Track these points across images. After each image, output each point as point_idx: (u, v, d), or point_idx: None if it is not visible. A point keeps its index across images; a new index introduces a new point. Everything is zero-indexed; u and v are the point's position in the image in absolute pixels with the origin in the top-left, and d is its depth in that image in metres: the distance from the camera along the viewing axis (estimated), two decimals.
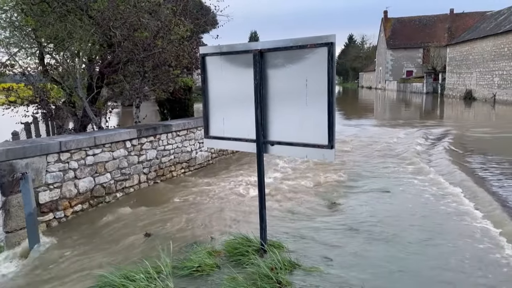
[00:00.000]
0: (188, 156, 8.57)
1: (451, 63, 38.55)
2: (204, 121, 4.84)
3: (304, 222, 5.63)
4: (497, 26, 31.12)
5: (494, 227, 5.20)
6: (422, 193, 6.89)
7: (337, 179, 8.06)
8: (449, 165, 9.04)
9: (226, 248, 4.52)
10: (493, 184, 7.47)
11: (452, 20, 55.34)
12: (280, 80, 4.21)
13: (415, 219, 5.65)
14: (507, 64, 27.91)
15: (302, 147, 4.13)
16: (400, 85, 54.22)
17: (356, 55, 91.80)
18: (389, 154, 10.65)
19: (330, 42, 3.79)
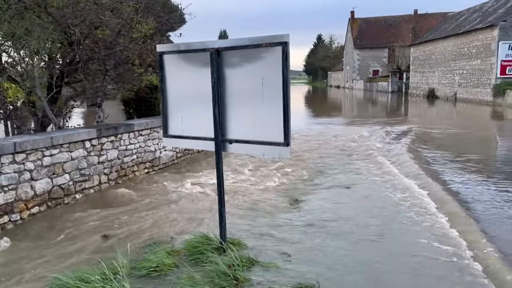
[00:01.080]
0: (151, 156, 8.48)
1: (415, 62, 39.76)
2: (162, 120, 4.81)
3: (265, 220, 5.68)
4: (458, 26, 32.35)
5: (447, 222, 5.43)
6: (380, 188, 7.10)
7: (300, 176, 8.18)
8: (407, 161, 9.34)
9: (185, 248, 4.52)
10: (448, 179, 7.78)
11: (416, 20, 57.05)
12: (237, 79, 4.24)
13: (372, 214, 5.82)
14: (467, 64, 29.07)
15: (259, 145, 4.18)
16: (367, 84, 55.46)
17: (324, 55, 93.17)
18: (352, 151, 10.89)
19: (284, 42, 3.85)
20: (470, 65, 28.64)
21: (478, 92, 27.48)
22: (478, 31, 27.35)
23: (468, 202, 6.23)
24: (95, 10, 8.36)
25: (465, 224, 5.24)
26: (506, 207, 5.96)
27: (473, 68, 28.09)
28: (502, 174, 8.05)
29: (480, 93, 27.13)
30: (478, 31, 27.35)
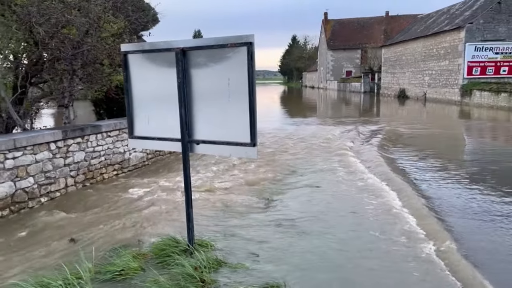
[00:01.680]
0: (120, 158, 8.32)
1: (386, 63, 40.59)
2: (128, 121, 4.73)
3: (236, 220, 5.67)
4: (427, 28, 33.23)
5: (414, 219, 5.56)
6: (350, 187, 7.21)
7: (272, 176, 8.19)
8: (377, 160, 9.51)
9: (152, 251, 4.45)
10: (414, 177, 7.99)
11: (388, 22, 58.30)
12: (203, 79, 4.21)
13: (340, 213, 5.89)
14: (436, 64, 29.89)
15: (226, 146, 4.16)
16: (340, 85, 56.24)
17: (299, 56, 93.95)
18: (324, 151, 11.00)
19: (249, 42, 3.85)
20: (438, 66, 29.46)
21: (446, 92, 28.29)
22: (446, 33, 28.17)
23: (438, 212, 6.39)
24: (61, 9, 8.14)
25: (426, 217, 5.39)
26: (444, 185, 6.16)
27: (442, 68, 28.91)
28: (453, 161, 8.31)
29: (449, 93, 27.95)
30: (446, 33, 28.17)
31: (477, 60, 25.72)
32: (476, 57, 25.68)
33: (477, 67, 25.78)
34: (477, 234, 5.13)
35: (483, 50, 25.54)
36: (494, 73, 25.62)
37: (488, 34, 25.59)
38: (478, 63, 25.74)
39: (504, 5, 25.34)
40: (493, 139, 13.93)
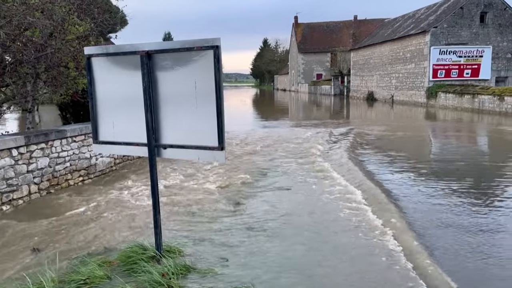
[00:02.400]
0: (87, 163, 8.11)
1: (355, 66, 41.41)
2: (92, 126, 4.61)
3: (206, 225, 5.62)
4: (393, 32, 34.13)
5: (373, 215, 5.68)
6: (319, 189, 7.29)
7: (243, 179, 8.18)
8: (346, 161, 9.67)
9: (119, 258, 4.35)
10: (382, 178, 8.17)
11: (356, 26, 59.49)
12: (169, 83, 4.16)
13: (310, 215, 5.95)
14: (402, 67, 30.72)
15: (194, 150, 4.13)
16: (311, 88, 56.93)
17: (271, 59, 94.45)
18: (295, 153, 11.09)
19: (216, 45, 3.83)
20: (405, 69, 30.30)
21: (413, 94, 29.12)
22: (412, 36, 29.01)
23: (408, 214, 6.54)
24: (23, 11, 7.87)
25: (387, 211, 5.52)
26: (409, 185, 6.34)
27: (408, 71, 29.75)
28: (412, 159, 8.56)
29: (415, 95, 28.77)
30: (412, 36, 29.01)
31: (442, 63, 26.61)
32: (441, 60, 26.57)
33: (442, 70, 26.67)
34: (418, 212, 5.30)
35: (447, 53, 26.46)
36: (458, 75, 26.57)
37: (452, 38, 26.54)
38: (443, 66, 26.64)
39: (466, 10, 26.35)
40: (457, 140, 14.43)
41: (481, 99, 21.73)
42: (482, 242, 4.92)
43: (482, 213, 5.94)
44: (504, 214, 5.94)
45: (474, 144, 13.65)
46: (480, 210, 6.10)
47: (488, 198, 6.70)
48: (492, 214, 5.93)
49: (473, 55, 26.40)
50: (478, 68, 26.47)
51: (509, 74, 26.78)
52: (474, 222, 5.59)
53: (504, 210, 6.10)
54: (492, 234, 5.16)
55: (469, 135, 15.62)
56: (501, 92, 20.33)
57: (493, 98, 20.74)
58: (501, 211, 6.08)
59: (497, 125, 17.46)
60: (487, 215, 5.87)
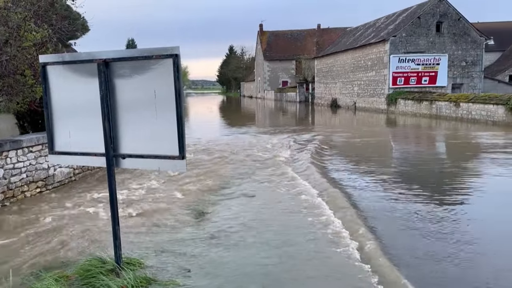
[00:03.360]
0: (44, 174, 7.81)
1: (319, 74, 42.22)
2: (47, 136, 4.45)
3: (168, 235, 5.53)
4: (355, 41, 35.08)
5: (340, 222, 5.78)
6: (283, 195, 7.35)
7: (208, 187, 8.13)
8: (311, 168, 9.80)
9: (77, 272, 4.20)
10: (345, 183, 8.34)
11: (320, 34, 60.75)
12: (128, 91, 4.09)
13: (274, 222, 5.98)
14: (364, 75, 31.60)
15: (154, 159, 4.06)
16: (277, 95, 57.48)
17: (237, 66, 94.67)
18: (260, 160, 11.13)
19: (175, 54, 3.81)
20: (366, 76, 31.18)
21: (374, 101, 29.99)
22: (373, 45, 29.92)
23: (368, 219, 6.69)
24: None
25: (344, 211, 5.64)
26: (370, 189, 6.53)
27: (369, 79, 30.63)
28: (373, 164, 8.83)
29: (376, 102, 29.64)
30: (373, 45, 29.92)
31: (401, 71, 27.58)
32: (400, 68, 27.53)
33: (401, 77, 27.63)
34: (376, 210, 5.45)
35: (406, 61, 27.45)
36: (416, 82, 27.60)
37: (410, 47, 27.58)
38: (402, 74, 27.61)
39: (423, 19, 27.48)
40: (417, 145, 14.96)
41: (438, 105, 22.67)
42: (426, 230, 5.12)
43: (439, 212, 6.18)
44: (452, 203, 6.20)
45: (432, 149, 14.19)
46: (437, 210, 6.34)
47: (440, 195, 6.98)
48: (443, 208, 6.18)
49: (430, 63, 27.53)
50: (435, 75, 27.62)
51: (464, 81, 28.09)
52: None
53: (454, 200, 6.37)
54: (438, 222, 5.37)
55: (428, 140, 16.24)
56: (457, 99, 21.29)
57: (449, 104, 21.68)
58: (450, 203, 6.34)
59: (453, 130, 18.25)
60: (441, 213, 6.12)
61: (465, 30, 27.73)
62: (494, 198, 7.34)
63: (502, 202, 7.02)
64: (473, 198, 7.30)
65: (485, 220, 6.10)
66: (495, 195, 7.56)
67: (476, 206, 6.85)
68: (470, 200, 7.16)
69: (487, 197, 7.41)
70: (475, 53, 27.98)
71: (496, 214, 6.35)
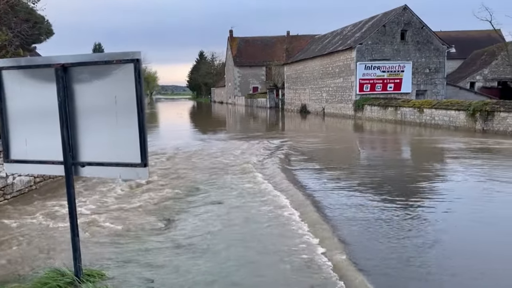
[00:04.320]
0: (2, 183, 7.46)
1: (288, 80, 42.64)
2: (3, 144, 4.24)
3: (133, 245, 5.38)
4: (323, 48, 35.68)
5: (314, 238, 5.80)
6: (251, 202, 7.31)
7: (175, 194, 7.99)
8: (279, 174, 9.83)
9: (34, 286, 4.01)
10: (313, 188, 8.40)
11: (289, 41, 61.48)
12: (88, 97, 3.96)
13: (241, 229, 5.93)
14: (332, 82, 32.15)
15: (115, 167, 3.94)
16: (248, 100, 57.62)
17: (207, 71, 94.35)
18: (229, 166, 11.07)
19: (136, 59, 3.72)
20: (334, 83, 31.74)
21: (342, 107, 30.54)
22: (340, 52, 30.52)
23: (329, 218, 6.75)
24: None
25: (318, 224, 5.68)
26: (334, 193, 6.62)
27: (337, 85, 31.19)
28: (341, 169, 8.96)
29: (344, 108, 30.20)
30: (340, 52, 30.52)
31: (367, 77, 28.23)
32: (366, 75, 28.18)
33: (368, 84, 28.28)
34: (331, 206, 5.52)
35: (372, 68, 28.14)
36: (382, 89, 28.32)
37: (376, 54, 28.30)
38: (368, 81, 28.27)
39: (388, 28, 28.28)
40: (383, 150, 15.31)
41: (403, 111, 23.33)
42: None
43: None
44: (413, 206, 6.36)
45: (397, 154, 14.55)
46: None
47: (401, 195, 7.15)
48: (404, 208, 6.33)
49: (395, 70, 28.33)
50: (400, 82, 28.43)
51: (428, 87, 29.06)
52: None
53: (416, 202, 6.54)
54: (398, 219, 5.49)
55: (393, 145, 16.65)
56: (421, 105, 21.98)
57: (413, 110, 22.35)
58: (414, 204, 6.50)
59: (418, 135, 18.80)
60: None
61: (428, 38, 28.73)
62: (458, 201, 7.55)
63: (467, 205, 7.24)
64: (436, 201, 7.49)
65: (447, 220, 6.27)
66: (458, 198, 7.78)
67: (439, 209, 7.04)
68: (433, 203, 7.35)
69: (450, 200, 7.60)
70: (437, 61, 29.02)
71: (460, 218, 6.55)
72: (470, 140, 15.58)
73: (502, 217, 6.58)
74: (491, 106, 17.48)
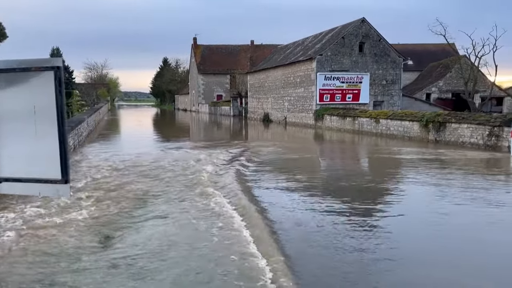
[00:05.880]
0: None
1: (252, 89, 42.72)
2: None
3: (64, 264, 5.00)
4: (285, 58, 36.01)
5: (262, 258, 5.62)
6: (199, 217, 7.03)
7: (119, 209, 7.60)
8: (233, 185, 9.62)
9: None
10: (266, 200, 8.25)
11: (253, 50, 61.78)
12: (4, 106, 3.60)
13: (185, 246, 5.66)
14: (293, 91, 32.44)
15: (34, 183, 3.58)
16: (212, 108, 57.25)
17: (171, 78, 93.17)
18: (183, 177, 10.75)
19: (57, 66, 3.39)
20: (296, 92, 32.04)
21: (303, 116, 30.83)
22: (301, 62, 30.87)
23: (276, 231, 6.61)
24: None
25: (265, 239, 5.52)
26: (264, 184, 6.52)
27: (299, 95, 31.50)
28: (299, 179, 8.91)
29: (305, 117, 30.49)
30: (301, 62, 30.87)
31: (327, 88, 28.66)
32: (326, 85, 28.60)
33: (327, 94, 28.71)
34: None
35: (331, 79, 28.60)
36: (341, 99, 28.81)
37: (335, 65, 28.81)
38: (328, 91, 28.70)
39: (347, 40, 28.90)
40: (342, 160, 15.46)
41: (360, 121, 23.78)
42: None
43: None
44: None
45: (354, 163, 14.72)
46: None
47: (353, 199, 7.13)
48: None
49: (354, 81, 28.93)
50: (358, 93, 29.05)
51: (385, 98, 29.85)
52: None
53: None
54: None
55: (350, 155, 16.87)
56: (377, 115, 22.48)
57: (370, 121, 22.83)
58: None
59: (374, 145, 19.18)
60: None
61: (385, 51, 29.59)
62: (413, 210, 7.61)
63: (421, 213, 7.31)
64: (391, 209, 7.53)
65: (397, 228, 6.28)
66: (414, 207, 7.86)
67: (391, 215, 7.06)
68: (389, 211, 7.38)
69: (406, 209, 7.65)
70: (394, 73, 29.91)
71: (416, 227, 6.59)
72: (423, 150, 16.01)
73: (453, 226, 6.65)
74: (443, 117, 18.08)
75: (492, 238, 6.12)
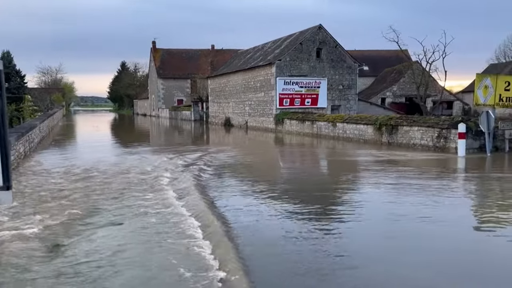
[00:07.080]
0: None
1: (213, 93, 42.65)
2: None
3: (7, 275, 4.81)
4: (245, 63, 36.25)
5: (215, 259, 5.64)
6: (156, 223, 6.94)
7: (72, 216, 7.38)
8: (191, 190, 9.58)
9: None
10: (224, 206, 8.28)
11: (214, 55, 61.65)
12: None
13: (139, 255, 5.57)
14: (254, 96, 32.71)
15: None
16: (172, 113, 56.59)
17: (130, 83, 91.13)
18: (139, 183, 10.58)
19: None
20: (256, 97, 32.32)
21: (263, 120, 31.14)
22: (261, 67, 31.21)
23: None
24: None
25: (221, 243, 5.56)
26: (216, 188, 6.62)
27: (259, 100, 31.79)
28: (259, 183, 9.04)
29: (265, 122, 30.81)
30: (261, 67, 31.21)
31: (287, 92, 29.14)
32: (286, 90, 29.07)
33: (287, 98, 29.17)
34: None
35: (290, 84, 29.10)
36: (300, 104, 29.37)
37: (294, 70, 29.35)
38: (287, 95, 29.18)
39: (305, 46, 29.53)
40: (302, 164, 15.74)
41: (318, 125, 24.34)
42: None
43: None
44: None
45: (313, 166, 15.04)
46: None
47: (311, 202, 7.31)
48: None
49: (312, 86, 29.58)
50: (316, 97, 29.72)
51: (342, 103, 30.71)
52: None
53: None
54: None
55: (311, 157, 17.22)
56: (334, 119, 23.09)
57: (328, 124, 23.42)
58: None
59: (332, 148, 19.68)
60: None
61: (341, 57, 30.47)
62: (371, 212, 7.86)
63: (379, 215, 7.58)
64: (348, 213, 7.76)
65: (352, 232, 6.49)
66: (372, 209, 8.11)
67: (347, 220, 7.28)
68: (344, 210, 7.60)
69: (363, 212, 7.87)
70: (350, 78, 30.84)
71: (374, 228, 6.82)
72: (377, 153, 16.60)
73: (409, 230, 6.77)
74: (395, 121, 18.84)
75: (435, 233, 6.45)
